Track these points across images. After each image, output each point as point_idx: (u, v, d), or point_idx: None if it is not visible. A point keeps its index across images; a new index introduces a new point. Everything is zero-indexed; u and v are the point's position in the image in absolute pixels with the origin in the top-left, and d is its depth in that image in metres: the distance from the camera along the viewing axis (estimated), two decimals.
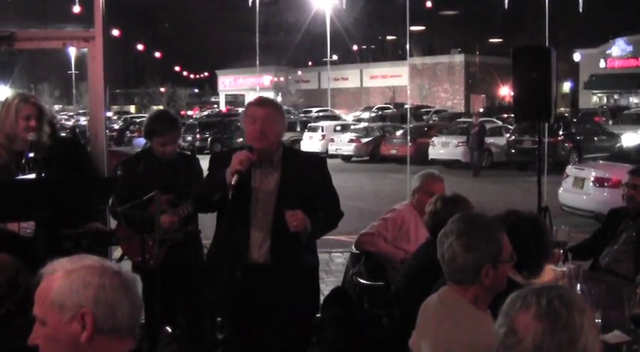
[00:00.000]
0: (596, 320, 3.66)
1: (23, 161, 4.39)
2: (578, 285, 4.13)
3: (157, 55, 77.00)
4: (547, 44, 8.83)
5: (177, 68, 78.66)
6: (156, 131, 5.07)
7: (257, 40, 16.38)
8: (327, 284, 8.24)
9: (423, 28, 56.93)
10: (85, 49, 6.06)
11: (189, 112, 54.60)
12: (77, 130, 7.37)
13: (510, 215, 3.58)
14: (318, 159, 4.51)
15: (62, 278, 2.11)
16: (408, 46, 30.62)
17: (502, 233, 2.82)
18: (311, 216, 4.05)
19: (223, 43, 61.64)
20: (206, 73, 78.86)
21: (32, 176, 4.29)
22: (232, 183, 3.92)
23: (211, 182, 4.14)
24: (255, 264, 4.13)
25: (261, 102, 4.23)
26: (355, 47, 61.96)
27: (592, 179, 12.43)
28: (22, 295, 2.22)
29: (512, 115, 7.64)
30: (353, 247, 5.46)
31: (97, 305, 2.07)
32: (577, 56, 50.72)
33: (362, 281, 4.84)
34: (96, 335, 2.08)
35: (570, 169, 13.73)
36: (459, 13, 58.23)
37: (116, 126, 43.03)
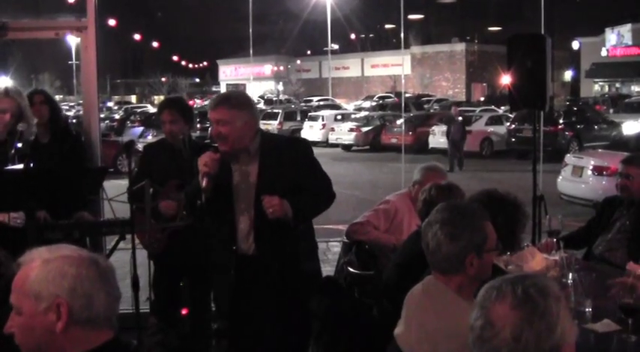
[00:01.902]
0: (587, 309, 3.66)
1: (12, 151, 4.38)
2: (570, 274, 4.13)
3: (155, 44, 76.88)
4: (543, 32, 8.80)
5: (175, 58, 78.50)
6: (158, 111, 5.47)
7: (250, 30, 16.41)
8: (324, 274, 8.23)
9: (422, 16, 56.82)
10: None
11: (197, 101, 54.52)
12: (69, 120, 7.33)
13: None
14: (299, 143, 4.43)
15: (39, 267, 2.10)
16: (402, 35, 30.43)
17: (487, 222, 2.79)
18: (296, 200, 3.98)
19: (222, 32, 61.63)
20: (205, 63, 78.78)
21: (20, 166, 4.29)
22: (203, 185, 3.89)
23: (192, 189, 4.12)
24: (245, 255, 4.12)
25: (214, 103, 4.09)
26: (353, 36, 61.89)
27: (591, 168, 12.43)
28: (4, 285, 2.20)
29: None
30: (344, 236, 5.46)
31: (73, 296, 2.07)
32: (575, 44, 50.55)
33: (352, 270, 4.83)
34: (71, 325, 2.07)
35: (569, 158, 13.73)
36: (457, 2, 58.06)
37: (117, 116, 42.89)
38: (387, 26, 60.36)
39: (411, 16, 54.94)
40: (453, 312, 2.64)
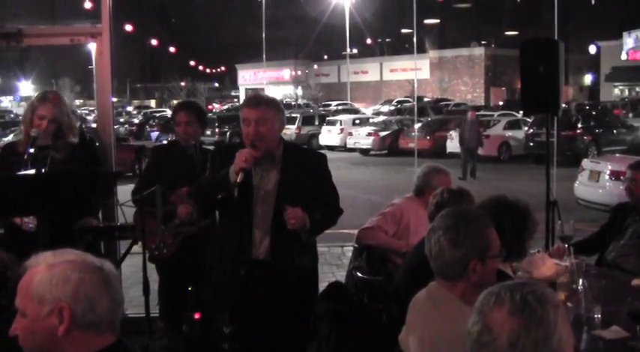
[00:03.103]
0: (596, 316, 3.65)
1: (25, 156, 4.43)
2: (580, 280, 4.11)
3: (172, 49, 77.39)
4: (556, 37, 8.76)
5: (192, 63, 78.93)
6: (173, 112, 5.49)
7: (263, 34, 16.47)
8: (339, 278, 8.22)
9: (437, 21, 56.70)
10: None
11: (215, 106, 54.84)
12: (84, 125, 7.34)
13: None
14: (319, 156, 4.46)
15: (44, 271, 2.14)
16: (415, 39, 30.48)
17: (490, 228, 2.79)
18: (311, 213, 4.04)
19: (240, 37, 61.84)
20: (222, 68, 79.11)
21: (32, 171, 4.33)
22: (238, 180, 3.92)
23: (215, 181, 4.12)
24: (256, 260, 4.15)
25: (254, 102, 4.12)
26: (369, 41, 61.92)
27: (608, 172, 12.35)
28: (12, 289, 2.25)
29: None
30: (354, 242, 5.46)
31: (76, 300, 2.10)
32: (592, 48, 50.21)
33: (360, 275, 4.83)
34: (73, 329, 2.11)
35: (586, 163, 13.65)
36: (472, 7, 57.90)
37: (136, 121, 43.15)
38: (404, 31, 60.30)
39: (427, 21, 54.97)
40: (456, 318, 2.63)
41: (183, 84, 65.24)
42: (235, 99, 65.98)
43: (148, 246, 5.07)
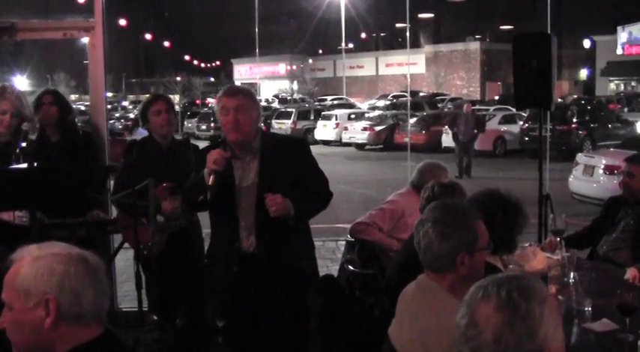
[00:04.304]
0: (587, 309, 3.67)
1: (18, 151, 4.43)
2: (572, 273, 4.14)
3: (166, 44, 77.33)
4: (549, 31, 8.76)
5: (187, 57, 78.85)
6: (147, 104, 5.24)
7: (256, 29, 16.43)
8: (333, 273, 8.24)
9: (432, 15, 56.68)
10: None
11: (210, 100, 54.63)
12: (75, 119, 7.21)
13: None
14: (298, 142, 4.48)
15: (29, 264, 2.15)
16: (408, 34, 30.52)
17: (478, 220, 2.80)
18: (296, 199, 4.04)
19: (235, 32, 61.76)
20: (217, 62, 79.05)
21: (24, 165, 4.32)
22: (209, 183, 3.94)
23: (194, 183, 4.15)
24: (246, 253, 4.16)
25: (232, 91, 4.18)
26: (364, 35, 61.92)
27: (602, 167, 12.40)
28: (1, 281, 2.26)
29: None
30: (347, 235, 5.47)
31: (61, 292, 2.11)
32: (587, 43, 50.23)
33: (352, 268, 4.84)
34: (60, 321, 2.12)
35: (580, 157, 13.70)
36: (467, 0, 57.87)
37: (132, 116, 43.01)
38: (398, 25, 60.24)
39: (422, 15, 54.99)
40: (445, 311, 2.64)
41: (178, 78, 65.06)
42: None
43: (131, 244, 5.01)
